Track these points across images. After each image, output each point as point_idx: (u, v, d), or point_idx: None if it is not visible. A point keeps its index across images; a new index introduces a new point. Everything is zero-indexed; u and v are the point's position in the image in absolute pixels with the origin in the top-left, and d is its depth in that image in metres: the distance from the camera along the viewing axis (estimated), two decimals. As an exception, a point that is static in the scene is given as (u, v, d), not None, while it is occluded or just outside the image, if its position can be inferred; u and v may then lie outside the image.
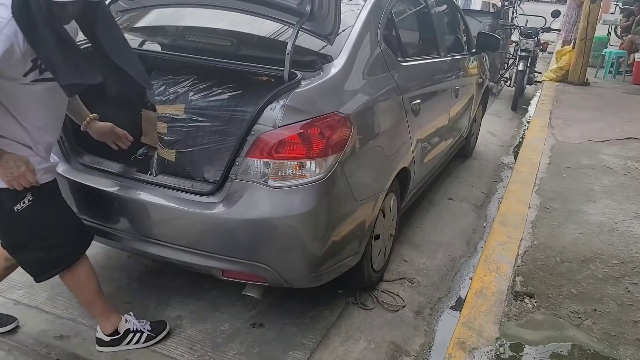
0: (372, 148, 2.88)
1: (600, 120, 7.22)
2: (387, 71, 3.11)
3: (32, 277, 2.45)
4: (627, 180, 5.01)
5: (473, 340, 2.71)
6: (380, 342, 2.87)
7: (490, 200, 4.95)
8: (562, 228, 3.98)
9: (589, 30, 9.51)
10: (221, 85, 2.87)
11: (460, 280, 3.58)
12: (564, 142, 6.13)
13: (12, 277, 2.75)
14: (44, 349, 2.62)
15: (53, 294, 3.03)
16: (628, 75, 10.25)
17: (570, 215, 4.20)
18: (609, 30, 12.78)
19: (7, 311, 2.78)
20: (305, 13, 2.64)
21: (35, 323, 2.81)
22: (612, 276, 3.38)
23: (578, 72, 9.60)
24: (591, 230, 3.98)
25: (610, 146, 6.08)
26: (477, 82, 5.30)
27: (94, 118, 2.75)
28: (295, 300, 3.09)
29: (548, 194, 4.60)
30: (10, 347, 2.62)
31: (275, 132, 2.42)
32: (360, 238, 2.88)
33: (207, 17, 3.22)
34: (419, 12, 4.04)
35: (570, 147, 5.99)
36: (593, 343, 2.76)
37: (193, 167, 2.89)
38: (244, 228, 2.49)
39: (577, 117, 7.32)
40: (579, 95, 8.74)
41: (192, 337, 2.79)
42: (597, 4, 9.44)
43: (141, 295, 3.11)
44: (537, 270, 3.39)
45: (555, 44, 12.60)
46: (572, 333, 2.82)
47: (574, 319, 2.93)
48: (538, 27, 8.83)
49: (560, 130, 6.59)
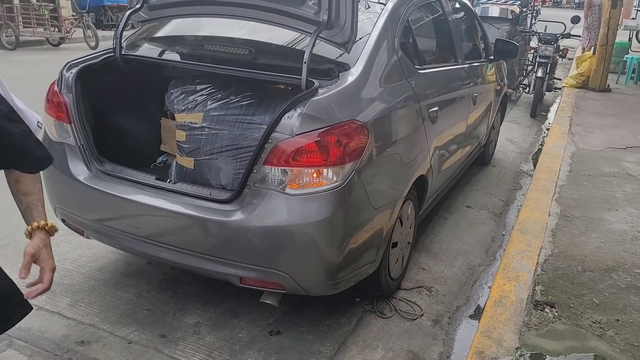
0: (390, 156, 2.88)
1: (621, 127, 7.14)
2: (404, 79, 3.11)
3: None
4: (650, 188, 4.95)
5: (492, 350, 2.69)
6: (398, 350, 2.86)
7: (509, 208, 4.91)
8: (584, 236, 3.94)
9: (609, 36, 9.42)
10: (239, 94, 2.90)
11: (479, 289, 3.55)
12: (584, 149, 6.06)
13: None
14: (65, 354, 2.65)
15: (74, 300, 3.07)
16: (649, 82, 10.17)
17: (591, 224, 4.15)
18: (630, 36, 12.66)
19: (29, 317, 2.81)
20: (323, 22, 2.66)
21: (57, 328, 2.84)
22: (635, 285, 3.32)
23: (599, 79, 9.50)
24: (613, 238, 3.93)
25: (633, 153, 6.01)
26: (495, 89, 5.28)
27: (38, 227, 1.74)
28: (312, 308, 3.09)
29: (568, 201, 4.56)
30: (32, 352, 2.65)
31: (293, 140, 2.43)
32: (378, 246, 2.87)
33: (225, 27, 3.25)
34: (436, 19, 4.04)
35: (591, 154, 5.92)
36: (615, 354, 2.71)
37: (211, 175, 2.91)
38: (261, 235, 2.50)
39: (598, 124, 7.24)
40: (599, 102, 8.65)
41: (210, 345, 2.80)
42: (617, 9, 9.35)
43: (160, 302, 3.13)
44: (557, 280, 3.35)
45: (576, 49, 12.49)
46: (594, 344, 2.78)
47: (596, 329, 2.89)
48: (557, 33, 8.78)
49: (580, 137, 6.53)
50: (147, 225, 2.76)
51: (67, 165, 2.91)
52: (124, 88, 3.26)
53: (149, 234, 2.76)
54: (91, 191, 2.82)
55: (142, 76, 3.29)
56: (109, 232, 2.91)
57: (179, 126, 2.99)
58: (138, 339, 2.81)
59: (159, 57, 3.21)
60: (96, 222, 2.91)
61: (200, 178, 2.92)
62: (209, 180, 2.91)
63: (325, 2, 2.65)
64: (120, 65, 3.13)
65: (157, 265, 3.43)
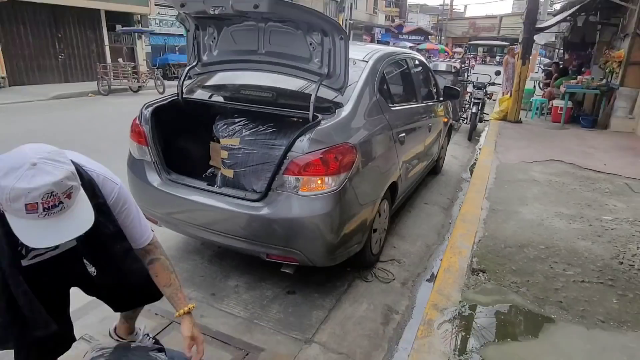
0: (371, 167, 2.86)
1: (529, 147, 7.11)
2: (381, 113, 3.10)
3: None
4: (549, 190, 4.92)
5: (443, 303, 2.67)
6: (377, 304, 2.84)
7: (453, 204, 4.88)
8: (505, 224, 3.91)
9: (521, 85, 9.42)
10: (265, 124, 2.89)
11: (434, 261, 3.52)
12: (505, 163, 6.03)
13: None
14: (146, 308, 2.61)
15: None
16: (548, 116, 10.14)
17: (510, 215, 4.13)
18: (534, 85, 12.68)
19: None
20: (324, 74, 2.66)
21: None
22: (539, 257, 3.30)
23: (514, 114, 9.45)
24: (525, 225, 3.90)
25: (537, 165, 5.98)
26: (443, 121, 5.26)
27: (185, 313, 1.64)
28: (317, 275, 3.07)
29: (494, 199, 4.53)
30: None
31: (304, 157, 2.43)
32: (363, 231, 2.86)
33: (255, 77, 3.24)
34: (402, 71, 4.03)
35: (510, 166, 5.89)
36: (527, 304, 2.70)
37: (245, 182, 2.90)
38: (281, 224, 2.49)
39: (514, 145, 7.21)
40: (514, 130, 8.62)
41: (246, 300, 2.78)
42: (526, 66, 9.37)
43: (210, 271, 3.11)
44: (487, 254, 3.32)
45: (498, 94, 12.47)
46: (512, 297, 2.77)
47: (513, 287, 2.87)
48: (485, 82, 8.79)
49: (502, 155, 6.50)
50: (201, 217, 2.74)
51: (145, 175, 2.90)
52: (184, 121, 3.24)
53: (203, 223, 2.74)
54: (162, 193, 2.81)
55: (197, 112, 3.28)
56: (174, 221, 2.89)
57: (222, 147, 2.98)
58: (196, 296, 2.79)
59: (209, 99, 3.21)
60: (165, 214, 2.89)
61: (237, 184, 2.91)
62: (244, 186, 2.89)
63: (325, 60, 2.65)
64: (182, 105, 3.13)
65: (208, 245, 3.40)
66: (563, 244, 3.54)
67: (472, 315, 2.58)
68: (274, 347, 2.38)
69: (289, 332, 2.51)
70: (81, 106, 9.84)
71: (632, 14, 8.54)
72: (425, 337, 2.37)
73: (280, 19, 2.65)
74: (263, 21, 2.73)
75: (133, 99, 11.17)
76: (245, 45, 2.90)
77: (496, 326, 2.50)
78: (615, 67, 8.95)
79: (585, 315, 2.61)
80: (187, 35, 3.08)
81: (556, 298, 2.78)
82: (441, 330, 2.44)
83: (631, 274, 3.11)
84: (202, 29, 3.00)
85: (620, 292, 2.88)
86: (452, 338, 2.38)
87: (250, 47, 2.89)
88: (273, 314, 2.67)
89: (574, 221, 4.02)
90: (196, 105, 3.18)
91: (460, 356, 2.26)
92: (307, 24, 2.58)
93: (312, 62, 2.72)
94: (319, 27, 2.55)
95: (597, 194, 4.84)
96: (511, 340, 2.40)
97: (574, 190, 4.94)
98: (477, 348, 2.32)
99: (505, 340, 2.39)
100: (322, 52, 2.64)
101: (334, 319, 2.66)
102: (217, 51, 3.05)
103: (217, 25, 2.92)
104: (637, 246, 3.56)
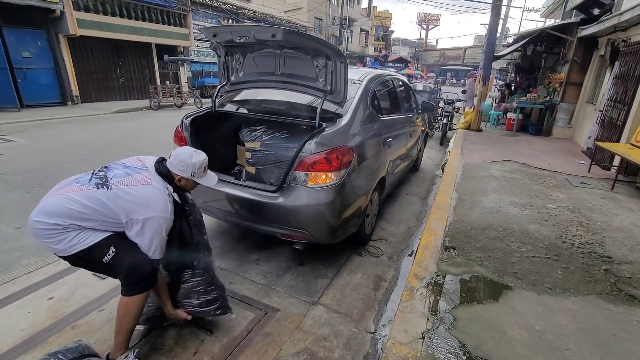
0: (365, 165, 2.80)
1: (488, 150, 7.01)
2: (373, 122, 3.03)
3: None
4: (505, 183, 4.83)
5: (422, 273, 2.61)
6: (370, 274, 2.79)
7: (429, 195, 4.80)
8: (470, 210, 3.84)
9: (481, 101, 9.31)
10: (280, 131, 2.84)
11: (414, 239, 3.45)
12: (469, 163, 5.94)
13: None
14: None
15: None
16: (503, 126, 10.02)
17: (474, 203, 4.05)
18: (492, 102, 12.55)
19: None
20: (327, 90, 2.60)
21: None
22: (498, 237, 3.23)
23: (476, 124, 9.32)
24: (486, 211, 3.83)
25: (495, 164, 5.88)
26: (421, 129, 5.18)
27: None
28: (322, 251, 3.02)
29: (462, 191, 4.46)
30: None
31: (311, 156, 2.37)
32: (359, 216, 2.80)
33: (272, 94, 3.19)
34: (389, 89, 3.96)
35: (473, 165, 5.80)
36: (489, 274, 2.64)
37: (265, 177, 2.85)
38: (293, 211, 2.43)
39: (476, 149, 7.11)
40: (477, 137, 8.50)
41: (265, 270, 2.74)
42: (486, 86, 9.24)
43: (238, 247, 3.06)
44: (457, 234, 3.26)
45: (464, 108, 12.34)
46: (477, 269, 2.70)
47: (478, 261, 2.81)
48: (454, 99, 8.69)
49: (467, 156, 6.40)
50: (230, 205, 2.70)
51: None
52: (216, 128, 3.19)
53: (232, 209, 2.69)
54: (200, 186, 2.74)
55: (227, 122, 3.22)
56: (209, 208, 2.84)
57: (247, 149, 2.93)
58: (226, 267, 2.75)
59: (236, 111, 3.15)
60: (203, 203, 2.84)
61: (259, 178, 2.86)
62: (264, 180, 2.84)
63: (329, 80, 2.59)
64: (214, 116, 3.07)
65: (236, 227, 3.36)
66: (517, 226, 3.47)
67: (445, 283, 2.53)
68: (287, 307, 2.34)
69: (299, 296, 2.47)
70: (137, 118, 9.81)
71: (570, 45, 8.43)
72: (408, 300, 2.32)
73: (293, 47, 2.59)
74: (279, 48, 2.67)
75: (177, 112, 11.13)
76: (265, 68, 2.84)
77: (465, 292, 2.45)
78: (556, 86, 8.85)
79: (536, 284, 2.55)
80: (218, 60, 3.03)
81: (512, 270, 2.72)
82: (420, 294, 2.38)
83: (572, 251, 3.04)
84: (230, 55, 2.93)
85: (564, 265, 2.81)
86: (429, 301, 2.33)
87: (268, 70, 2.83)
88: (287, 282, 2.62)
89: (525, 208, 3.94)
90: (226, 116, 3.12)
91: (436, 315, 2.20)
92: (314, 50, 2.53)
93: (318, 81, 2.66)
94: (323, 53, 2.50)
95: (543, 187, 4.75)
96: (477, 303, 2.34)
97: (525, 184, 4.85)
98: (449, 309, 2.26)
99: (472, 303, 2.33)
100: (326, 73, 2.58)
101: (335, 286, 2.61)
102: (243, 73, 2.99)
103: (242, 51, 2.86)
104: (577, 228, 3.48)
